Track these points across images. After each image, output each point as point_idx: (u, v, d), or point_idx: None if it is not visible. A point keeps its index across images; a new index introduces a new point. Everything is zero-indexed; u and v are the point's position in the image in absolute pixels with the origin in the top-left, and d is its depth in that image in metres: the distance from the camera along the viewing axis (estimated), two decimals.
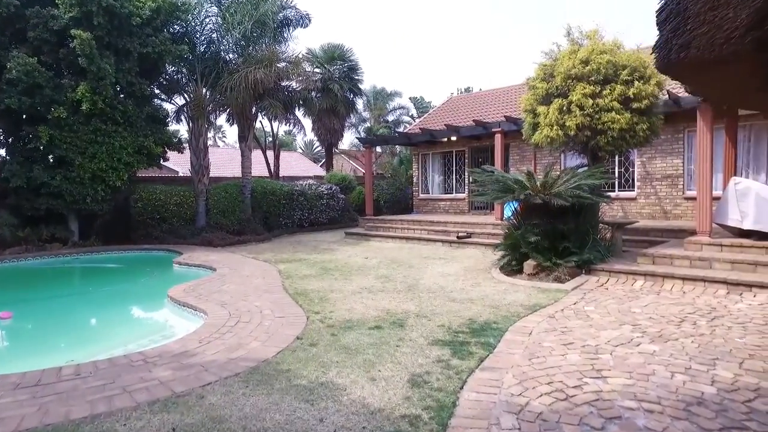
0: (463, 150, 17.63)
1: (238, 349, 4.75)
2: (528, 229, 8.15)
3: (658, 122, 8.65)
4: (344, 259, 11.29)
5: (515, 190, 8.14)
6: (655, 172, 12.90)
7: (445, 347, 4.78)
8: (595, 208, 8.90)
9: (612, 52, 8.33)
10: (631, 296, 6.65)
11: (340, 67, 23.35)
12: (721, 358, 4.25)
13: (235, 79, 14.75)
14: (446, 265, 9.97)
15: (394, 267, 10.04)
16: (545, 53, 9.08)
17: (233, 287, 8.08)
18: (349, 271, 9.61)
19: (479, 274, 8.88)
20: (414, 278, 8.72)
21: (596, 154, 8.96)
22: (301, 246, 14.07)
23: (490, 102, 18.88)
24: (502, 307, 6.31)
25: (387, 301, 6.92)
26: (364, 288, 7.93)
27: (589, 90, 8.07)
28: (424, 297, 7.13)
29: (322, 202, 18.95)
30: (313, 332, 5.41)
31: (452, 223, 14.04)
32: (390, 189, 21.61)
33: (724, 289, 6.76)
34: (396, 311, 6.32)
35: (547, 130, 8.55)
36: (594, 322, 5.47)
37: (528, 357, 4.41)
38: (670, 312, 5.80)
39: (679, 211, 12.54)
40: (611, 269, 7.81)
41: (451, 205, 17.99)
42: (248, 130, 17.29)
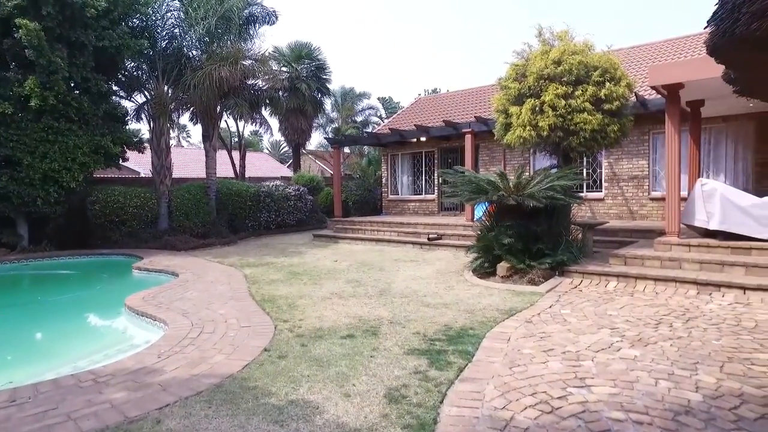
0: (433, 151, 17.53)
1: (201, 364, 4.41)
2: (501, 231, 8.04)
3: (629, 124, 8.69)
4: (313, 263, 10.97)
5: (488, 192, 8.01)
6: (622, 173, 13.07)
7: (422, 357, 4.56)
8: (568, 209, 8.88)
9: (583, 53, 8.32)
10: (605, 298, 6.60)
11: (307, 66, 22.94)
12: (701, 362, 4.18)
13: (199, 76, 14.21)
14: (418, 268, 9.78)
15: (364, 270, 9.79)
16: (517, 53, 9.01)
17: (196, 294, 7.66)
18: (319, 276, 9.31)
19: (452, 276, 8.72)
20: (386, 282, 8.49)
21: (568, 155, 8.94)
22: (269, 249, 13.66)
23: (460, 103, 18.86)
24: (478, 312, 6.15)
25: (359, 307, 6.66)
26: (334, 293, 7.65)
27: (561, 90, 8.02)
28: (397, 302, 6.90)
29: (289, 203, 18.53)
30: (282, 343, 5.10)
31: (422, 225, 13.89)
32: (359, 190, 21.34)
33: (694, 289, 6.79)
34: (368, 318, 6.07)
35: (520, 130, 8.46)
36: (572, 326, 5.36)
37: (508, 365, 4.24)
38: (645, 314, 5.75)
39: (645, 211, 12.73)
40: (584, 271, 7.77)
41: (421, 206, 17.87)
42: (213, 130, 16.72)
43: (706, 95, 9.23)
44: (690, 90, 8.33)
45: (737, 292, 6.52)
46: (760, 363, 4.17)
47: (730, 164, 12.15)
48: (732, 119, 11.90)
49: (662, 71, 7.90)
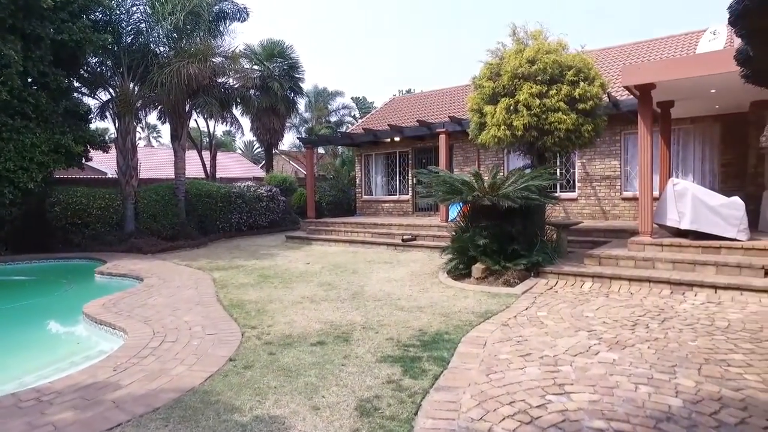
0: (407, 151, 17.39)
1: (160, 377, 4.11)
2: (476, 232, 7.92)
3: (602, 123, 8.69)
4: (285, 265, 10.68)
5: (463, 192, 7.88)
6: (594, 173, 13.16)
7: (396, 364, 4.37)
8: (543, 209, 8.83)
9: (557, 52, 8.27)
10: (581, 299, 6.53)
11: (280, 65, 22.54)
12: (679, 365, 4.10)
13: (167, 73, 13.71)
14: (392, 270, 9.60)
15: (337, 273, 9.56)
16: (491, 52, 8.91)
17: (161, 300, 7.31)
18: (290, 279, 9.04)
19: (426, 278, 8.57)
20: (359, 285, 8.28)
21: (542, 155, 8.89)
22: (240, 251, 13.29)
23: (434, 102, 18.77)
24: (453, 315, 5.99)
25: (330, 312, 6.43)
26: (305, 297, 7.40)
27: (536, 90, 7.95)
28: (370, 306, 6.70)
29: (261, 204, 18.14)
30: (249, 351, 4.84)
31: (396, 226, 13.72)
32: (332, 191, 21.06)
33: (668, 289, 6.79)
34: (340, 323, 5.85)
35: (494, 130, 8.36)
36: (549, 329, 5.25)
37: (485, 372, 4.08)
38: (621, 315, 5.68)
39: (617, 211, 12.84)
40: (560, 271, 7.71)
41: (395, 207, 17.71)
42: (181, 129, 16.22)
43: (676, 96, 9.32)
44: (661, 91, 8.37)
45: (709, 292, 6.55)
46: (736, 364, 4.12)
47: (697, 164, 12.35)
48: (699, 121, 12.10)
49: (635, 71, 7.91)
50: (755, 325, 5.19)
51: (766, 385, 3.70)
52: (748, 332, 4.97)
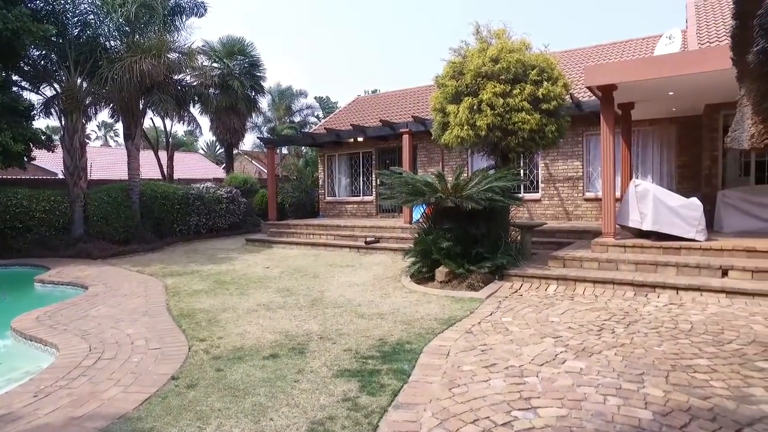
0: (370, 151, 17.12)
1: (89, 402, 3.68)
2: (439, 234, 7.71)
3: (566, 124, 8.63)
4: (243, 270, 10.23)
5: (426, 193, 7.66)
6: (557, 174, 13.20)
7: (353, 379, 4.07)
8: (507, 210, 8.70)
9: (520, 51, 8.15)
10: (546, 303, 6.39)
11: (240, 63, 21.89)
12: (647, 372, 3.96)
13: (117, 69, 12.98)
14: (354, 274, 9.30)
15: (297, 277, 9.19)
16: (454, 50, 8.72)
17: (105, 310, 6.79)
18: (247, 284, 8.62)
19: (389, 283, 8.30)
20: (319, 290, 7.95)
21: (506, 156, 8.76)
22: (197, 255, 12.73)
23: (398, 102, 18.57)
24: (415, 323, 5.74)
25: (287, 321, 6.08)
26: (261, 304, 7.02)
27: (499, 89, 7.80)
28: (329, 313, 6.38)
29: (221, 206, 17.52)
30: (194, 368, 4.45)
31: (360, 228, 13.42)
32: (295, 192, 20.54)
33: (631, 290, 6.73)
34: (296, 333, 5.51)
35: (457, 129, 8.17)
36: (514, 336, 5.05)
37: (448, 386, 3.83)
38: (587, 319, 5.55)
39: (580, 212, 12.92)
40: (524, 274, 7.58)
41: (359, 208, 17.40)
42: (135, 128, 15.45)
43: (637, 98, 9.37)
44: (622, 92, 8.37)
45: (671, 293, 6.52)
46: (702, 370, 4.00)
47: (656, 166, 12.55)
48: (657, 123, 12.30)
49: (597, 72, 7.87)
50: (716, 327, 5.15)
51: (732, 393, 3.59)
52: (711, 335, 4.91)
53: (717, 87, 8.50)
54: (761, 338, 4.78)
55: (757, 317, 5.49)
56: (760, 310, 5.75)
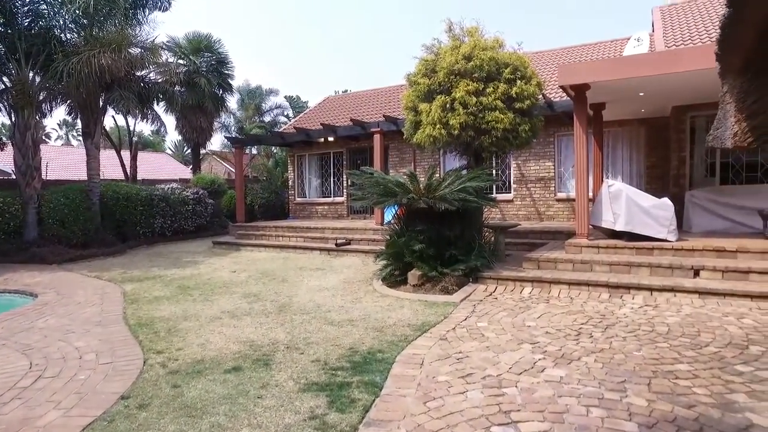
0: (341, 151, 16.82)
1: (20, 431, 3.29)
2: (412, 236, 7.49)
3: (539, 124, 8.53)
4: (208, 274, 9.81)
5: (398, 194, 7.42)
6: (529, 174, 13.17)
7: (321, 393, 3.79)
8: (480, 211, 8.55)
9: (493, 49, 8.01)
10: (522, 306, 6.23)
11: (207, 60, 21.21)
12: (629, 380, 3.81)
13: (74, 63, 12.31)
14: (324, 278, 8.99)
15: (265, 282, 8.83)
16: (426, 47, 8.53)
17: (53, 321, 6.31)
18: (212, 290, 8.22)
19: (360, 286, 8.04)
20: (287, 295, 7.62)
21: (479, 155, 8.61)
22: (160, 259, 12.20)
23: (370, 102, 18.32)
24: (388, 330, 5.49)
25: (252, 329, 5.75)
26: (226, 311, 6.65)
27: (472, 87, 7.63)
28: (297, 320, 6.07)
29: (187, 208, 16.94)
30: (149, 384, 4.08)
31: (330, 229, 13.11)
32: (265, 193, 20.08)
33: (606, 292, 6.65)
34: (262, 343, 5.19)
35: (429, 128, 7.97)
36: (490, 342, 4.86)
37: (422, 399, 3.59)
38: (564, 323, 5.41)
39: (552, 212, 12.92)
40: (498, 276, 7.42)
41: (330, 210, 17.07)
42: (95, 126, 14.73)
43: (608, 98, 9.36)
44: (594, 92, 8.31)
45: (645, 294, 6.46)
46: (683, 376, 3.88)
47: (626, 166, 12.65)
48: (627, 124, 12.40)
49: (571, 70, 7.79)
50: (693, 329, 5.07)
51: (715, 400, 3.46)
52: (688, 338, 4.82)
53: (685, 89, 8.56)
54: (736, 340, 4.71)
55: (730, 318, 5.45)
56: (731, 311, 5.72)
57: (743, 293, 6.06)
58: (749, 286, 6.21)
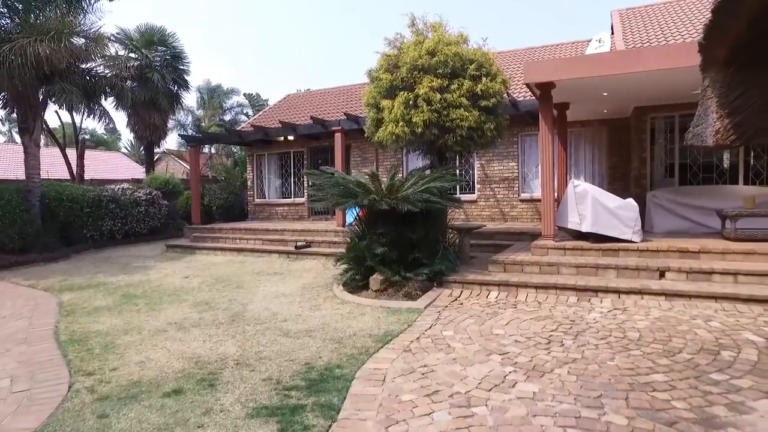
0: (302, 151, 16.32)
1: None
2: (373, 239, 7.12)
3: (504, 122, 8.31)
4: (158, 281, 9.18)
5: (358, 195, 7.04)
6: (493, 174, 13.03)
7: (271, 419, 3.37)
8: (444, 212, 8.26)
9: (458, 45, 7.74)
10: (489, 312, 5.96)
11: (161, 54, 20.24)
12: (605, 394, 3.55)
13: (6, 51, 11.37)
14: (282, 283, 8.53)
15: (219, 288, 8.30)
16: (389, 41, 8.19)
17: None
18: (160, 298, 7.64)
19: (320, 292, 7.62)
20: (241, 303, 7.13)
21: (443, 155, 8.33)
22: (108, 265, 11.43)
23: (332, 100, 17.87)
24: (347, 341, 5.10)
25: (200, 342, 5.26)
26: (173, 323, 6.12)
27: (436, 83, 7.34)
28: (250, 331, 5.61)
29: (139, 209, 16.07)
30: (70, 416, 3.56)
31: (290, 231, 12.62)
32: (223, 193, 19.33)
33: (574, 296, 6.46)
34: (209, 358, 4.71)
35: (392, 126, 7.63)
36: (457, 353, 4.54)
37: (384, 423, 3.23)
38: (533, 330, 5.15)
39: (516, 212, 12.81)
40: (464, 280, 7.14)
41: (290, 211, 16.53)
42: (34, 121, 13.68)
43: (573, 98, 9.26)
44: (559, 91, 8.16)
45: (613, 296, 6.32)
46: (660, 388, 3.66)
47: (588, 167, 12.68)
48: (589, 124, 12.42)
49: (537, 68, 7.60)
50: (663, 334, 4.90)
51: (696, 414, 3.25)
52: (660, 343, 4.64)
53: (646, 89, 8.53)
54: (708, 345, 4.56)
55: (698, 321, 5.33)
56: (698, 313, 5.62)
57: (708, 294, 5.99)
58: (713, 287, 6.15)
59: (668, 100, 9.80)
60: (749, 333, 4.88)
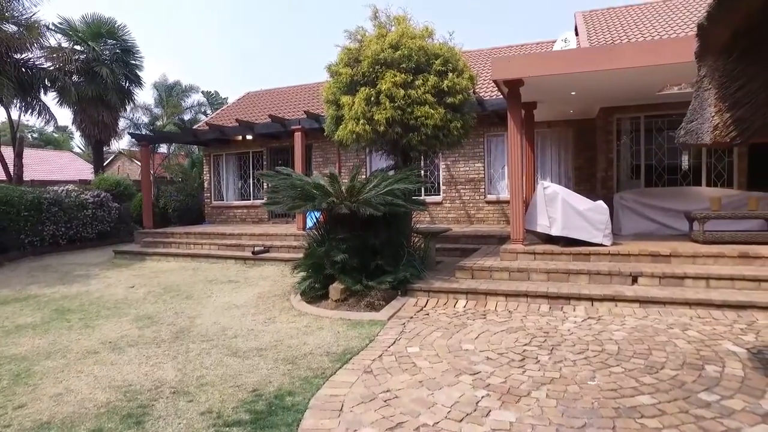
0: (261, 151, 15.63)
1: None
2: (333, 245, 6.61)
3: (471, 121, 7.94)
4: (99, 292, 8.41)
5: (316, 198, 6.51)
6: (459, 176, 12.71)
7: None
8: (409, 216, 7.82)
9: (423, 38, 7.32)
10: (457, 324, 5.53)
11: (111, 48, 19.09)
12: (590, 423, 3.16)
13: None
14: (236, 292, 7.91)
15: (166, 299, 7.62)
16: (350, 34, 7.69)
17: None
18: (98, 312, 6.92)
19: (276, 302, 7.05)
20: (189, 316, 6.50)
21: (408, 155, 7.90)
22: (45, 274, 10.49)
23: (292, 99, 17.23)
24: (302, 361, 4.58)
25: (135, 366, 4.63)
26: (107, 342, 5.45)
27: (400, 78, 6.88)
28: (194, 351, 5.01)
29: (86, 212, 14.99)
30: None
31: (248, 235, 11.95)
32: (180, 195, 18.38)
33: (546, 304, 6.12)
34: (142, 387, 4.10)
35: (352, 124, 7.14)
36: (424, 374, 4.08)
37: None
38: (505, 344, 4.75)
39: (482, 215, 12.53)
40: (430, 288, 6.71)
41: (249, 213, 15.80)
42: None
43: (540, 97, 9.00)
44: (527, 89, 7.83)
45: (586, 304, 6.01)
46: (649, 413, 3.30)
47: (555, 168, 12.52)
48: (555, 125, 12.26)
49: (506, 64, 7.24)
50: (643, 347, 4.59)
51: None
52: (640, 357, 4.31)
53: (615, 89, 8.35)
54: (690, 359, 4.26)
55: (676, 330, 5.06)
56: (675, 321, 5.37)
57: (682, 301, 5.76)
58: (686, 292, 5.93)
59: (634, 101, 9.69)
60: (729, 343, 4.63)
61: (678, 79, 8.39)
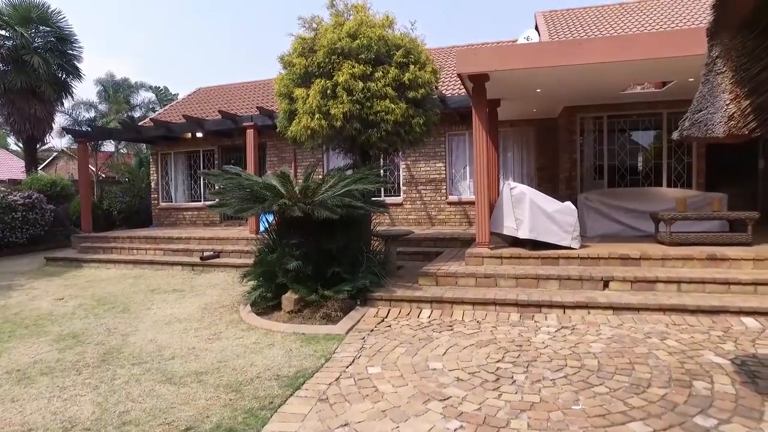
0: (213, 150, 14.74)
1: None
2: (286, 251, 5.99)
3: (435, 117, 7.47)
4: (21, 305, 7.48)
5: (267, 199, 5.88)
6: (419, 176, 12.29)
7: None
8: (368, 219, 7.29)
9: (383, 28, 6.81)
10: (422, 337, 5.04)
11: (43, 35, 17.65)
12: None
13: None
14: (179, 303, 7.16)
15: (98, 313, 6.80)
16: (304, 21, 7.08)
17: None
18: (13, 330, 6.06)
19: (223, 314, 6.38)
20: (122, 333, 5.75)
21: (366, 153, 7.37)
22: None
23: (248, 94, 16.41)
24: (247, 388, 3.96)
25: (44, 401, 3.89)
26: (16, 369, 4.66)
27: (358, 70, 6.34)
28: (122, 378, 4.30)
29: (15, 215, 13.73)
30: None
31: (197, 239, 11.13)
32: (126, 197, 17.20)
33: (516, 312, 5.72)
34: (47, 430, 3.39)
35: (307, 119, 6.54)
36: (387, 401, 3.55)
37: None
38: (476, 361, 4.29)
39: (443, 216, 12.15)
40: (391, 296, 6.19)
41: (199, 216, 14.88)
42: None
43: (505, 94, 8.65)
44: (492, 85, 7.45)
45: (558, 312, 5.65)
46: None
47: (517, 168, 12.29)
48: (517, 124, 12.03)
49: (472, 57, 6.80)
50: (624, 361, 4.23)
51: None
52: (624, 374, 3.94)
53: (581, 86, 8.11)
54: (676, 374, 3.92)
55: (654, 340, 4.74)
56: (651, 329, 5.07)
57: (656, 307, 5.49)
58: (659, 298, 5.68)
59: (597, 100, 9.52)
60: (710, 353, 4.33)
61: (643, 78, 8.24)
